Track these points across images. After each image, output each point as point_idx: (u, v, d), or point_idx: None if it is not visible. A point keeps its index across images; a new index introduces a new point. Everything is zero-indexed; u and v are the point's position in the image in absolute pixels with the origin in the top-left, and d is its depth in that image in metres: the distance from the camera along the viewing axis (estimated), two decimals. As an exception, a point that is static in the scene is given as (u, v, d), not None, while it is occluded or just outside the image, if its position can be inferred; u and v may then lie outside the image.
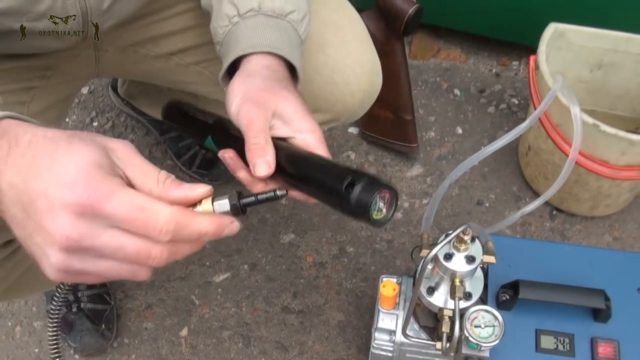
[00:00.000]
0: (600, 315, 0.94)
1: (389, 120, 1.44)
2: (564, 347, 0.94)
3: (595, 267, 1.01)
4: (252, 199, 0.56)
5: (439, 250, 0.83)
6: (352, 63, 0.96)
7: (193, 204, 0.53)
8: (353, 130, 1.57)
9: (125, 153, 0.52)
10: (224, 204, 0.54)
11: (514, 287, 0.95)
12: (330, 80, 0.96)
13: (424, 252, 0.88)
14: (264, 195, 0.56)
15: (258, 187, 0.64)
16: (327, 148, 0.65)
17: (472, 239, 0.85)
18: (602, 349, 0.93)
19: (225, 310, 1.34)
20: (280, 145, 0.63)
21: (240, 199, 0.55)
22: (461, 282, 0.87)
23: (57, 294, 0.63)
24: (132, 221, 0.48)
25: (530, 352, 0.94)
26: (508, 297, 0.96)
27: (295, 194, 0.63)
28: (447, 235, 0.84)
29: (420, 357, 1.00)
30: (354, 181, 0.55)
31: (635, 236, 1.40)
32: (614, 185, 1.27)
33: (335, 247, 1.40)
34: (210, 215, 0.53)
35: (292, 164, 0.63)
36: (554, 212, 1.43)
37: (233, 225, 0.53)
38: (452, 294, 0.86)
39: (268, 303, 1.34)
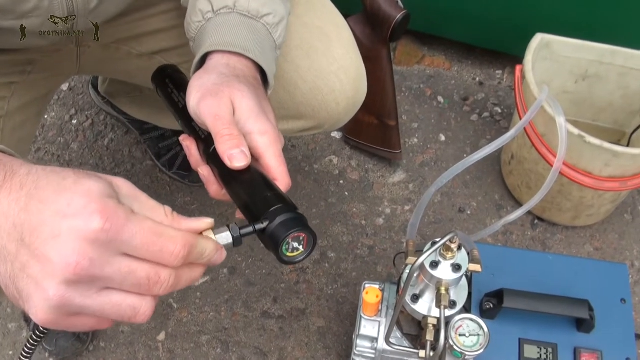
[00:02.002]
0: (583, 325, 0.95)
1: (372, 126, 1.44)
2: (547, 356, 0.94)
3: (579, 277, 1.01)
4: (250, 229, 0.56)
5: (426, 258, 0.82)
6: (337, 70, 0.95)
7: None
8: (336, 134, 1.56)
9: (129, 190, 0.51)
10: (226, 236, 0.54)
11: (498, 295, 0.95)
12: (315, 86, 0.94)
13: (411, 259, 0.87)
14: (261, 225, 0.56)
15: (213, 188, 0.65)
16: (280, 152, 0.64)
17: (459, 247, 0.85)
18: (585, 359, 0.93)
19: (204, 314, 1.32)
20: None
21: (240, 229, 0.55)
22: (447, 290, 0.86)
23: (29, 344, 0.56)
24: (150, 246, 0.47)
25: (514, 362, 0.94)
26: (492, 305, 0.96)
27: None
28: (434, 244, 0.83)
29: (402, 365, 1.00)
30: (270, 216, 0.55)
31: (615, 247, 1.41)
32: (596, 196, 1.28)
33: (316, 252, 1.39)
34: (211, 239, 0.53)
35: (230, 178, 0.62)
36: (536, 221, 1.43)
37: (223, 252, 0.54)
38: (438, 302, 0.85)
39: (247, 308, 1.33)
